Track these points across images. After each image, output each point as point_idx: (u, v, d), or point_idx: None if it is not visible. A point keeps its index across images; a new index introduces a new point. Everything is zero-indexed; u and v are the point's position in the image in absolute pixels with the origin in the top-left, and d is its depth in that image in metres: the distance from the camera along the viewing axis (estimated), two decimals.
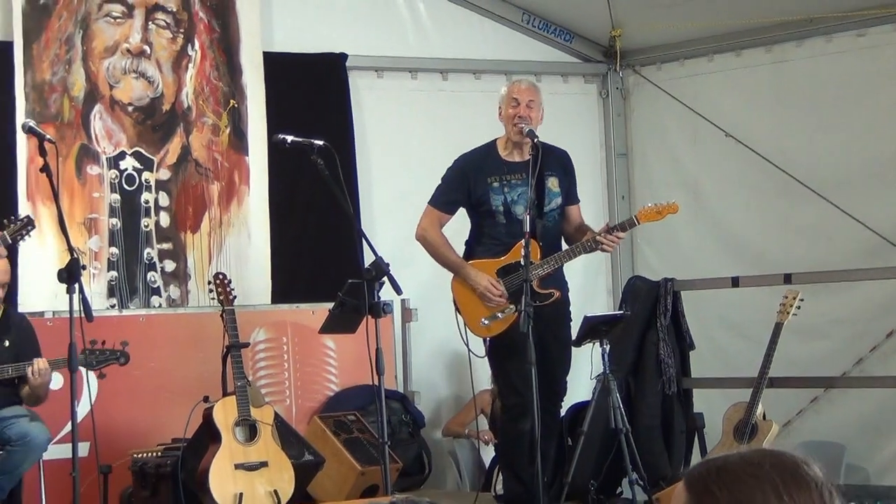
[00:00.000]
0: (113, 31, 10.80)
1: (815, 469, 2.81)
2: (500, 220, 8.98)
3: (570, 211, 9.13)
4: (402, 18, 12.12)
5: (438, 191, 9.22)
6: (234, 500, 8.94)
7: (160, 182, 10.93)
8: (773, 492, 2.73)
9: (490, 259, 8.97)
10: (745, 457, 2.85)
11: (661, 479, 9.44)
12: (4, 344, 9.12)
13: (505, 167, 9.00)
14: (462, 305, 9.02)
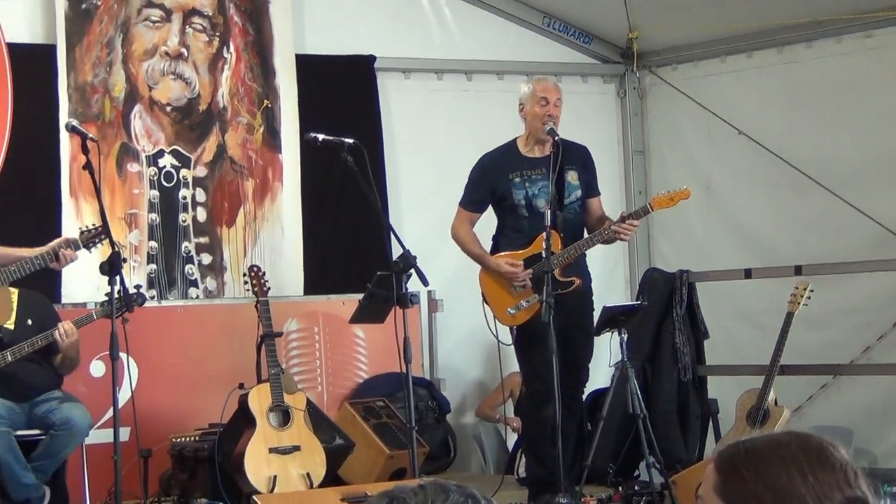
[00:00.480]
0: (152, 35, 10.82)
1: (841, 451, 2.80)
2: (523, 214, 9.02)
3: (591, 203, 9.15)
4: (429, 22, 12.11)
5: (465, 192, 9.29)
6: (269, 483, 8.96)
7: (197, 179, 10.95)
8: (798, 472, 2.72)
9: (514, 251, 8.99)
10: (772, 438, 2.84)
11: (677, 463, 9.43)
12: (28, 322, 9.13)
13: (525, 163, 9.03)
14: (489, 296, 9.07)
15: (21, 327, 9.12)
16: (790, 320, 9.50)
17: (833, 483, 2.72)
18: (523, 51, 12.41)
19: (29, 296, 9.41)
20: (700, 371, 10.51)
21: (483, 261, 9.10)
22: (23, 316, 9.16)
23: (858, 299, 10.96)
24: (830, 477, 2.73)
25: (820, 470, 2.73)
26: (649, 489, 8.62)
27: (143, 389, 9.36)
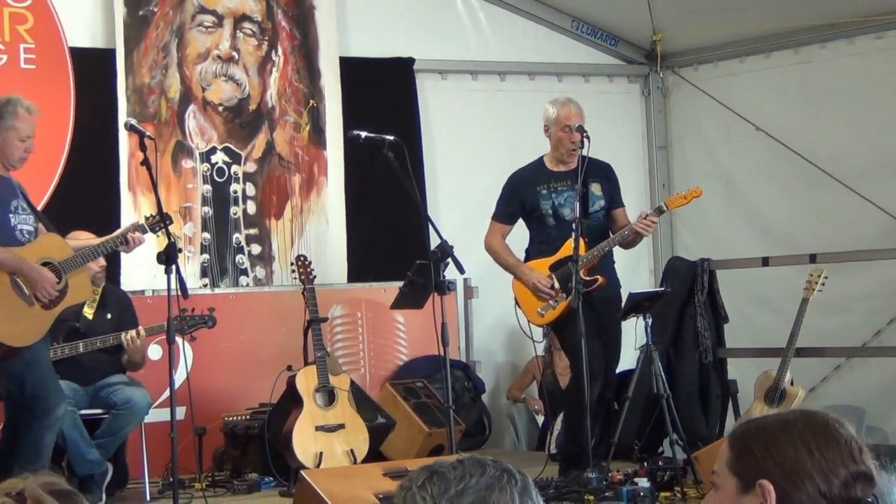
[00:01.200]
0: (205, 39, 10.84)
1: (847, 428, 2.79)
2: (550, 223, 9.09)
3: (615, 214, 9.20)
4: (464, 26, 12.10)
5: (497, 206, 9.36)
6: (315, 459, 8.97)
7: (247, 174, 10.97)
8: (804, 448, 2.72)
9: (543, 259, 9.05)
10: (780, 417, 2.84)
11: (699, 440, 9.40)
12: (107, 316, 9.22)
13: (551, 176, 9.11)
14: (521, 300, 9.14)
15: (99, 319, 9.19)
16: (805, 305, 9.48)
17: (838, 458, 2.72)
18: (553, 53, 12.39)
19: (114, 291, 9.49)
20: (720, 353, 10.49)
21: (515, 271, 9.15)
22: (103, 309, 9.23)
23: (870, 286, 10.92)
24: (835, 453, 2.72)
25: (825, 446, 2.73)
26: (672, 465, 8.58)
27: (197, 371, 9.38)
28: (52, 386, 7.75)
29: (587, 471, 8.31)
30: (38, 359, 7.70)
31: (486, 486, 2.62)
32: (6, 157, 7.78)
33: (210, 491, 8.99)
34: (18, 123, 7.74)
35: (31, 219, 7.86)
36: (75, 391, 8.70)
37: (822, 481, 2.70)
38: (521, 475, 2.68)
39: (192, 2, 10.76)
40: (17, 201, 7.80)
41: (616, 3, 12.13)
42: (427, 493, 2.62)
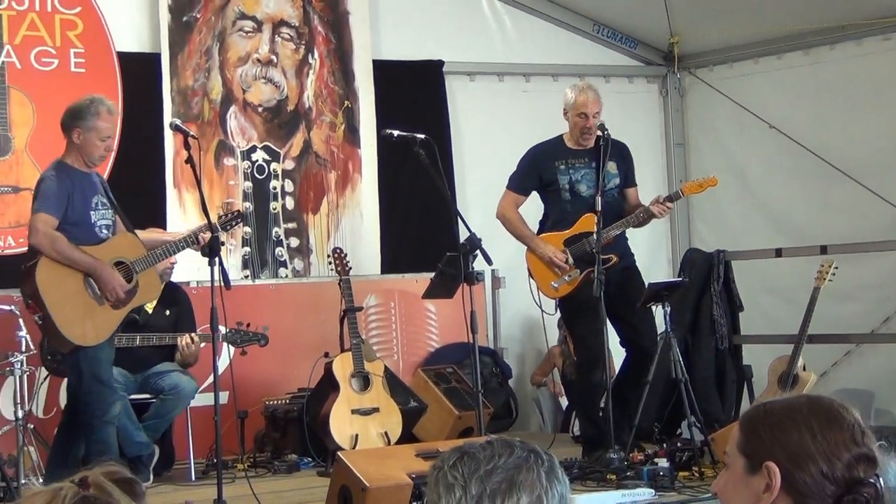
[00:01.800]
0: (245, 44, 10.86)
1: (851, 412, 2.78)
2: (566, 198, 9.05)
3: (628, 192, 9.19)
4: (491, 30, 12.09)
5: (514, 177, 9.34)
6: (351, 440, 9.00)
7: (286, 171, 10.98)
8: (808, 432, 2.71)
9: (558, 232, 9.03)
10: (788, 402, 2.84)
11: (716, 422, 9.39)
12: (166, 313, 9.29)
13: (570, 153, 9.09)
14: (534, 272, 9.12)
15: (158, 315, 9.25)
16: (817, 294, 9.46)
17: (841, 442, 2.72)
18: (575, 55, 12.38)
19: (177, 290, 9.53)
20: (735, 340, 10.48)
21: (530, 242, 9.12)
22: (163, 305, 9.27)
23: (878, 275, 10.90)
24: (838, 436, 2.72)
25: (828, 430, 2.72)
26: (690, 446, 8.58)
27: (239, 358, 9.41)
28: (108, 383, 7.75)
29: (610, 451, 8.31)
30: (97, 356, 7.70)
31: (513, 465, 2.62)
32: (87, 155, 7.81)
33: (252, 471, 9.01)
34: (100, 123, 7.77)
35: (109, 213, 7.88)
36: (126, 377, 8.76)
37: (825, 463, 2.70)
38: (548, 455, 2.68)
39: (233, 8, 10.78)
40: (98, 197, 7.83)
41: (635, 7, 12.11)
42: (458, 472, 2.63)
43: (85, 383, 7.71)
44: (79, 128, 7.77)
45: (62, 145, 9.74)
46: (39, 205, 7.63)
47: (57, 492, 2.38)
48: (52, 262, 7.52)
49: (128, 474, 2.54)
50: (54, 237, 7.53)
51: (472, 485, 2.60)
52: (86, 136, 7.76)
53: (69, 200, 7.64)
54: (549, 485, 2.62)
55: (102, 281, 7.57)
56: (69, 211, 7.62)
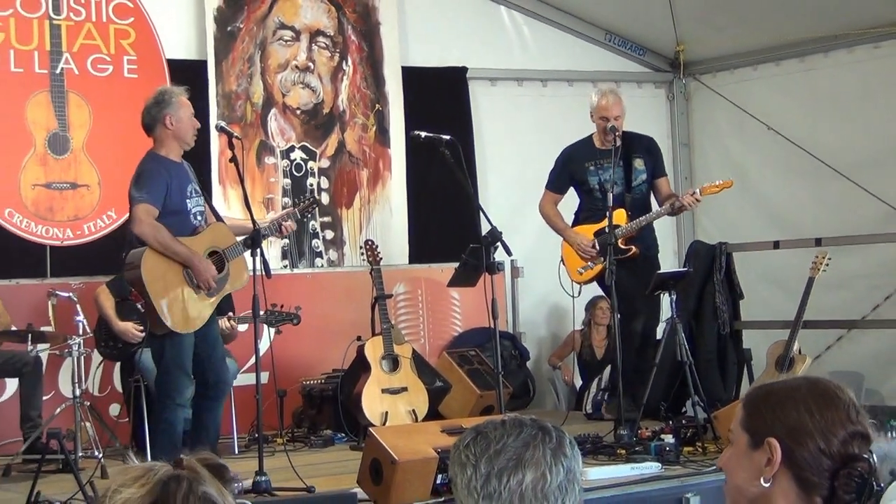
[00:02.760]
0: (284, 52, 10.86)
1: (847, 393, 2.78)
2: (597, 196, 9.22)
3: (658, 183, 9.31)
4: (511, 39, 12.08)
5: (550, 176, 9.50)
6: (381, 417, 8.99)
7: (321, 169, 10.98)
8: (806, 411, 2.72)
9: (589, 225, 9.22)
10: (788, 383, 2.85)
11: (718, 401, 9.34)
12: None
13: (598, 154, 9.19)
14: (566, 259, 9.32)
15: None
16: (811, 283, 9.41)
17: (837, 420, 2.72)
18: (589, 62, 12.35)
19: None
20: (736, 325, 10.42)
21: (564, 233, 9.32)
22: None
23: (868, 266, 10.84)
24: (835, 415, 2.72)
25: (825, 409, 2.72)
26: (694, 423, 8.54)
27: (279, 341, 9.40)
28: (185, 367, 7.69)
29: (619, 427, 8.29)
30: (181, 341, 7.65)
31: (522, 444, 2.61)
32: (184, 134, 7.72)
33: (290, 445, 9.01)
34: (184, 99, 7.76)
35: (201, 200, 7.84)
36: None
37: (822, 440, 2.70)
38: (558, 433, 2.67)
39: (273, 19, 10.78)
40: (192, 185, 7.78)
41: (644, 18, 12.07)
42: (470, 451, 2.63)
43: (164, 365, 7.69)
44: (168, 113, 7.64)
45: (116, 145, 9.87)
46: (141, 195, 7.51)
47: (151, 467, 2.38)
48: (155, 253, 7.46)
49: (218, 461, 2.55)
50: (157, 227, 7.46)
51: (482, 464, 2.60)
52: (178, 116, 7.68)
53: (168, 190, 7.57)
54: (553, 461, 2.61)
55: (197, 272, 7.52)
56: (167, 200, 7.56)
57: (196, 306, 7.58)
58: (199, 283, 7.54)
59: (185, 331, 7.54)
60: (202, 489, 2.37)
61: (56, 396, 9.25)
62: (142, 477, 2.35)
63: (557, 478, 2.60)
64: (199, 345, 7.74)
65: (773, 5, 11.17)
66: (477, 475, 2.60)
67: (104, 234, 9.96)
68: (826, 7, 10.91)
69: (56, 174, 9.88)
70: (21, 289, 9.50)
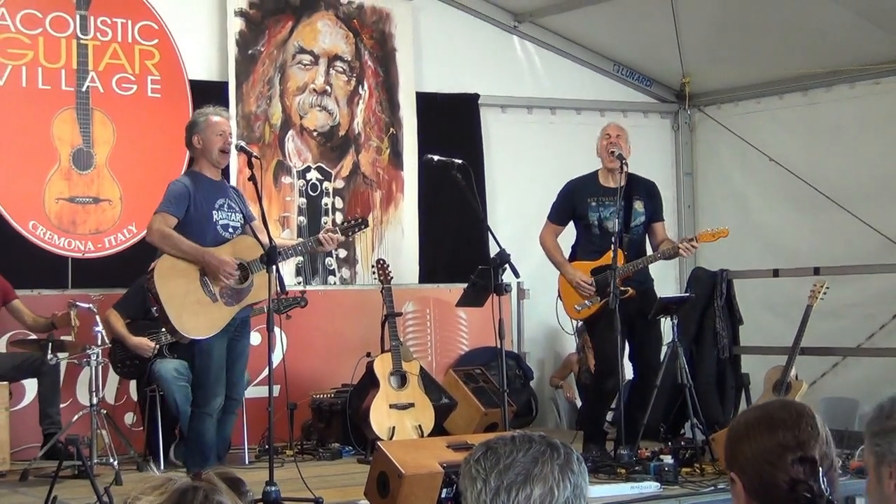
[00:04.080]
0: (303, 75, 10.88)
1: (799, 417, 2.79)
2: (595, 232, 8.98)
3: (655, 227, 9.09)
4: (522, 67, 12.11)
5: (552, 208, 9.28)
6: (389, 432, 8.98)
7: (336, 189, 10.99)
8: (750, 443, 2.77)
9: (587, 262, 8.98)
10: (746, 414, 2.89)
11: (716, 424, 9.32)
12: None
13: (601, 190, 9.01)
14: (563, 293, 9.08)
15: None
16: (809, 311, 9.39)
17: (777, 448, 2.76)
18: (597, 91, 12.37)
19: None
20: (735, 350, 10.41)
21: (562, 268, 9.07)
22: None
23: (864, 295, 10.82)
24: (776, 443, 2.77)
25: (769, 438, 2.77)
26: (693, 445, 8.53)
27: (290, 356, 9.42)
28: (214, 377, 7.68)
29: (620, 447, 8.28)
30: (210, 351, 7.64)
31: (530, 459, 2.60)
32: (209, 152, 7.78)
33: (299, 457, 9.00)
34: (212, 119, 7.82)
35: (237, 217, 7.84)
36: (188, 368, 8.72)
37: (766, 470, 2.73)
38: (566, 449, 2.67)
39: (293, 43, 10.82)
40: (225, 200, 7.79)
41: (651, 49, 12.09)
42: (480, 466, 2.62)
43: (194, 375, 7.72)
44: (197, 133, 7.79)
45: (138, 162, 9.95)
46: (160, 206, 7.63)
47: (170, 477, 2.43)
48: (171, 259, 7.49)
49: (234, 474, 2.59)
50: (165, 233, 7.50)
51: (492, 478, 2.59)
52: (204, 136, 7.77)
53: (191, 199, 7.60)
54: (561, 477, 2.60)
55: (213, 267, 7.53)
56: (191, 208, 7.59)
57: (210, 313, 7.59)
58: (220, 277, 7.55)
59: (196, 336, 7.55)
60: (217, 499, 2.40)
61: (73, 404, 9.24)
62: (161, 486, 2.40)
63: (565, 493, 2.60)
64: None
65: (777, 41, 11.19)
66: (486, 489, 2.59)
67: (125, 248, 9.97)
68: (828, 43, 10.93)
69: (79, 189, 9.90)
70: (43, 299, 9.51)
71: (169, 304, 7.49)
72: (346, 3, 11.09)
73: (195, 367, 7.73)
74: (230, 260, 7.63)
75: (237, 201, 7.95)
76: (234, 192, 8.04)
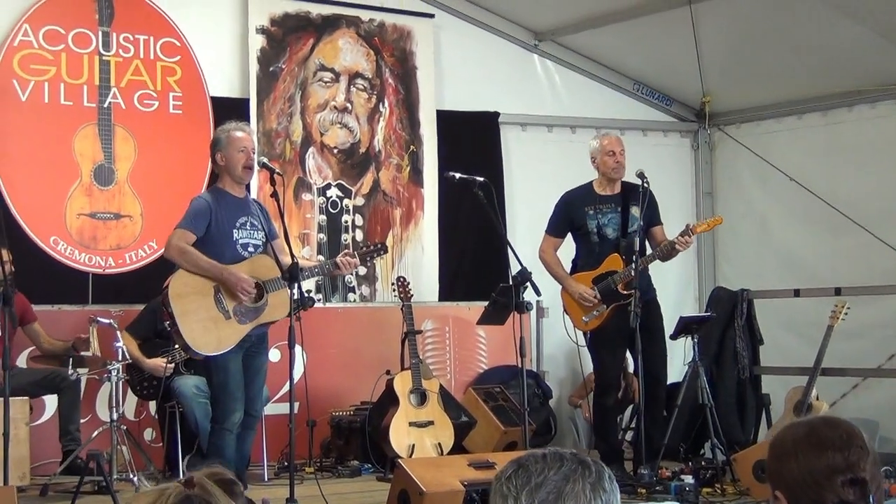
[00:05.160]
0: (324, 92, 10.88)
1: (848, 437, 2.76)
2: (594, 240, 9.04)
3: (654, 231, 9.11)
4: (542, 86, 12.10)
5: (550, 222, 9.34)
6: (408, 450, 8.96)
7: (356, 207, 10.98)
8: (799, 463, 2.73)
9: (587, 272, 9.00)
10: (791, 431, 2.84)
11: (736, 444, 9.31)
12: None
13: (598, 199, 9.07)
14: (568, 308, 9.12)
15: None
16: (830, 331, 9.35)
17: (827, 469, 2.73)
18: (617, 110, 12.35)
19: None
20: (756, 370, 10.39)
21: (564, 282, 9.11)
22: None
23: (885, 316, 10.76)
24: (825, 464, 2.73)
25: (817, 458, 2.72)
26: (713, 465, 8.51)
27: (311, 372, 9.40)
28: (231, 393, 7.67)
29: (641, 467, 8.26)
30: (226, 367, 7.63)
31: (562, 477, 2.56)
32: (232, 169, 7.78)
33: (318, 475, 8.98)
34: (233, 134, 7.82)
35: (258, 235, 7.82)
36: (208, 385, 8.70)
37: (814, 491, 2.69)
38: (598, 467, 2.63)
39: (314, 60, 10.82)
40: (248, 218, 7.79)
41: (671, 69, 12.08)
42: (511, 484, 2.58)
43: (212, 391, 7.72)
44: (219, 151, 7.81)
45: (159, 178, 9.97)
46: (181, 222, 7.65)
47: (163, 490, 2.41)
48: (186, 275, 7.49)
49: (229, 476, 2.56)
50: (183, 249, 7.50)
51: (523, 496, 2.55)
52: (226, 153, 7.77)
53: (212, 216, 7.60)
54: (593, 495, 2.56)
55: (230, 284, 7.52)
56: (212, 226, 7.59)
57: (222, 330, 7.58)
58: (237, 293, 7.55)
59: (206, 352, 7.55)
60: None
61: (93, 420, 9.24)
62: (155, 501, 2.38)
63: None
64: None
65: (797, 61, 11.17)
66: None
67: (145, 264, 9.97)
68: (849, 63, 10.90)
69: (100, 204, 9.91)
70: (63, 314, 9.52)
71: (182, 319, 7.50)
72: (368, 21, 11.10)
73: (212, 384, 7.73)
74: (248, 278, 7.63)
75: (260, 218, 7.94)
76: (258, 208, 8.03)
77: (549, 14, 11.74)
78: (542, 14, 11.77)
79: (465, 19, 11.69)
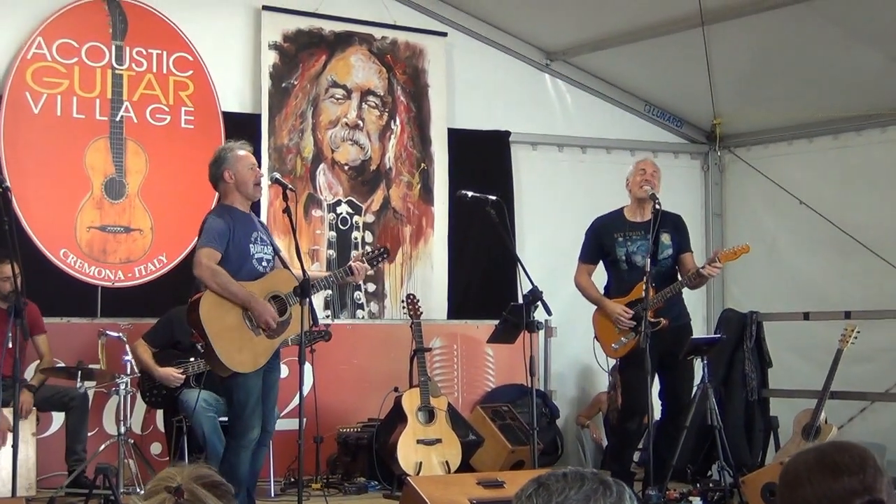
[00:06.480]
0: (335, 109, 10.88)
1: (860, 459, 2.74)
2: (623, 267, 8.96)
3: (683, 258, 9.02)
4: (553, 105, 12.09)
5: (582, 249, 9.24)
6: (415, 467, 8.94)
7: (366, 223, 10.97)
8: (813, 488, 2.71)
9: (619, 299, 8.92)
10: (801, 457, 2.82)
11: (744, 466, 9.29)
12: None
13: (628, 225, 8.99)
14: (599, 333, 9.01)
15: None
16: (840, 355, 9.33)
17: (842, 492, 2.70)
18: (627, 131, 12.35)
19: None
20: (764, 393, 10.37)
21: (600, 303, 9.01)
22: None
23: (893, 340, 10.73)
24: (841, 487, 2.70)
25: (833, 482, 2.70)
26: (721, 487, 8.47)
27: (318, 388, 9.35)
28: (251, 410, 7.62)
29: (649, 488, 8.22)
30: (247, 384, 7.58)
31: (583, 497, 2.53)
32: (244, 186, 7.66)
33: (325, 491, 8.96)
34: (240, 153, 7.70)
35: (268, 249, 7.78)
36: (217, 400, 8.67)
37: None
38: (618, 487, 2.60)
39: (326, 77, 10.83)
40: (258, 233, 7.74)
41: (682, 91, 12.07)
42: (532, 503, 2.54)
43: (232, 408, 7.67)
44: (227, 169, 7.64)
45: (169, 192, 9.94)
46: (204, 240, 7.50)
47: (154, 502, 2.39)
48: (214, 296, 7.41)
49: (216, 478, 2.54)
50: (215, 270, 7.42)
51: None
52: (236, 170, 7.66)
53: (231, 234, 7.55)
54: None
55: (256, 312, 7.47)
56: (231, 244, 7.54)
57: (255, 347, 7.52)
58: (260, 324, 7.49)
59: (243, 370, 7.48)
60: None
61: (100, 433, 9.23)
62: None
63: None
64: None
65: (808, 84, 11.17)
66: None
67: (155, 278, 9.96)
68: (860, 87, 10.89)
69: (111, 218, 9.90)
70: (72, 327, 9.51)
71: (217, 339, 7.40)
72: (380, 39, 11.11)
73: (233, 401, 7.63)
74: (273, 310, 7.56)
75: (265, 232, 7.93)
76: (261, 224, 8.00)
77: (561, 34, 11.74)
78: (555, 34, 11.77)
79: (478, 38, 11.70)
